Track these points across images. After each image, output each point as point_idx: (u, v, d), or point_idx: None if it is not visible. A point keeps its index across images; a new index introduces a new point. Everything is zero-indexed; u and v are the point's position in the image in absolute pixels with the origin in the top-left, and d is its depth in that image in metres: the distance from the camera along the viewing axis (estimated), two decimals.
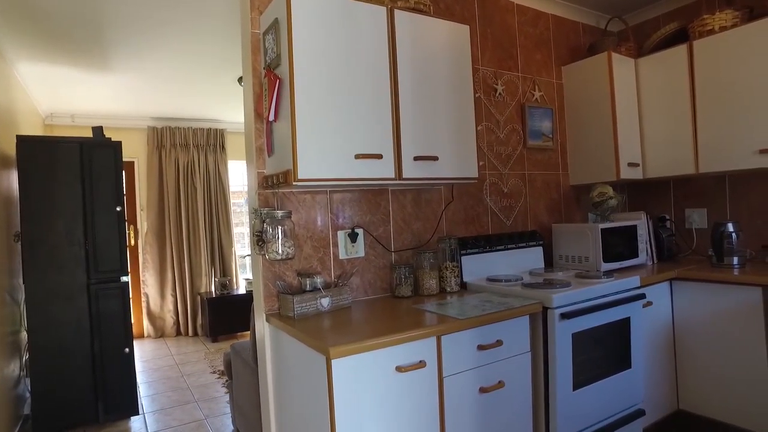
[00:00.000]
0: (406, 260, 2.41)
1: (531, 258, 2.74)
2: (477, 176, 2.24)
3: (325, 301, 1.98)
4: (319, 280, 2.03)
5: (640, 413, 2.30)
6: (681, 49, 2.86)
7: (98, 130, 3.42)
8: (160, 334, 5.85)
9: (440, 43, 2.16)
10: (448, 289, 2.33)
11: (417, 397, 1.68)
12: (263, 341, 2.06)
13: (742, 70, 2.60)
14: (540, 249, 2.78)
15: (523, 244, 2.70)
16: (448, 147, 2.15)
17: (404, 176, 2.00)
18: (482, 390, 1.84)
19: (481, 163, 2.70)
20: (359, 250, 2.26)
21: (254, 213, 1.96)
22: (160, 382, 4.21)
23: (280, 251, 1.87)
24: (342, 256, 2.22)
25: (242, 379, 2.73)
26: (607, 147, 2.93)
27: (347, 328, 1.71)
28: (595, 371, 2.18)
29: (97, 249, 3.27)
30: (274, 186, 1.93)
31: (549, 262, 2.93)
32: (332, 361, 1.51)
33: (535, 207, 2.95)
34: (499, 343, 1.88)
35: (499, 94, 2.80)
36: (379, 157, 1.93)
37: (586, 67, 3.04)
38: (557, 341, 1.98)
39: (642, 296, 2.29)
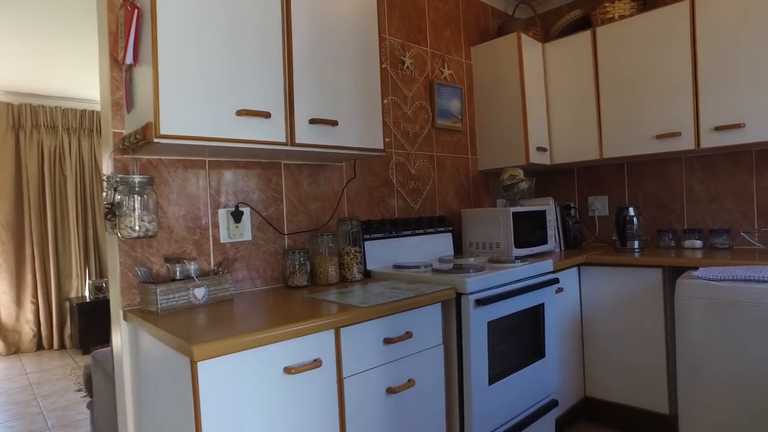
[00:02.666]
0: (302, 245, 2.09)
1: (440, 245, 2.53)
2: (383, 148, 1.98)
3: (200, 292, 1.61)
4: (192, 267, 1.66)
5: (553, 404, 2.17)
6: (585, 35, 2.83)
7: None
8: (13, 350, 4.94)
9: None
10: (350, 278, 2.04)
11: (311, 403, 1.37)
12: (119, 344, 1.64)
13: (639, 58, 2.62)
14: (449, 235, 2.59)
15: (432, 230, 2.49)
16: (350, 112, 1.87)
17: (298, 141, 1.69)
18: (390, 390, 1.57)
19: (387, 140, 2.45)
20: (245, 232, 1.90)
21: (106, 181, 1.54)
22: (1, 410, 3.46)
23: (136, 227, 1.47)
24: (224, 239, 1.86)
25: (103, 396, 2.24)
26: (516, 130, 2.82)
27: (224, 324, 1.36)
28: (511, 363, 2.00)
29: None
30: (133, 148, 1.53)
31: (459, 250, 2.76)
32: (198, 363, 1.16)
33: (444, 191, 2.76)
34: (408, 335, 1.62)
35: (407, 67, 2.58)
36: (267, 115, 1.59)
37: (495, 47, 2.92)
38: (472, 331, 1.77)
39: (556, 281, 2.16)
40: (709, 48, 2.41)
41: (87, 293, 5.23)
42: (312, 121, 1.73)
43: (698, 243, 2.63)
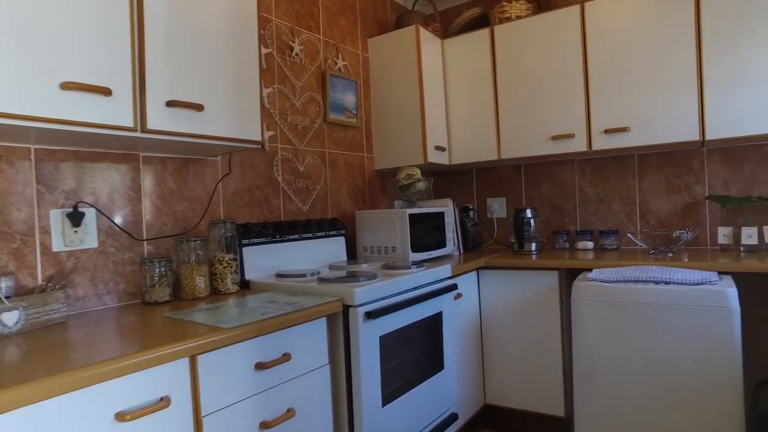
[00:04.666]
0: (166, 253, 1.76)
1: (332, 250, 2.31)
2: (261, 140, 1.72)
3: (10, 318, 1.24)
4: (4, 285, 1.29)
5: (453, 418, 2.03)
6: (484, 33, 2.76)
7: None
8: None
9: None
10: (223, 290, 1.76)
11: None
12: None
13: (535, 59, 2.60)
14: (342, 239, 2.38)
15: (323, 234, 2.27)
16: (220, 96, 1.59)
17: (151, 127, 1.38)
18: (264, 425, 1.32)
19: (272, 133, 2.19)
20: (87, 238, 1.55)
21: None
22: None
23: None
24: (57, 247, 1.49)
25: None
26: (414, 128, 2.68)
27: (35, 360, 1.02)
28: (407, 378, 1.83)
29: None
30: None
31: (353, 255, 2.56)
32: None
33: (336, 192, 2.55)
34: (286, 357, 1.38)
35: (296, 54, 2.33)
36: (106, 92, 1.27)
37: (394, 40, 2.76)
38: (362, 348, 1.56)
39: (454, 287, 2.03)
40: (597, 53, 2.43)
41: None
42: (170, 104, 1.43)
43: (590, 244, 2.66)
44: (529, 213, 2.65)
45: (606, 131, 2.41)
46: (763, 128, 2.11)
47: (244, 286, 1.88)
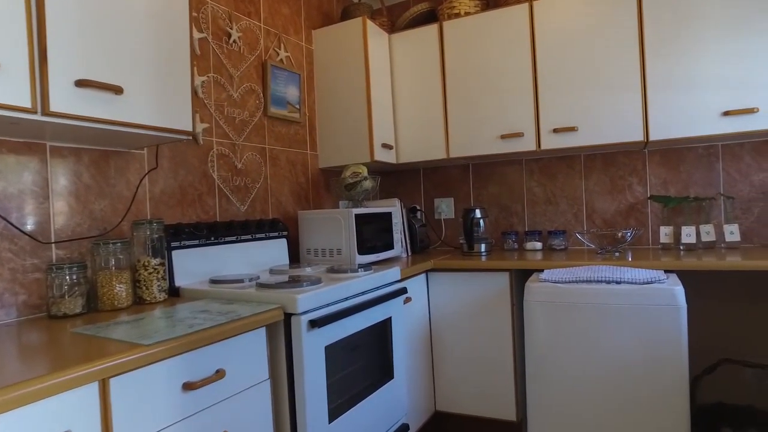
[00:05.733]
0: (80, 258, 1.54)
1: (273, 253, 2.15)
2: (191, 131, 1.54)
3: None
4: None
5: (404, 429, 1.92)
6: (432, 29, 2.69)
7: None
8: None
9: None
10: (149, 299, 1.56)
11: None
12: None
13: (484, 56, 2.55)
14: (284, 242, 2.22)
15: (263, 236, 2.10)
16: (143, 78, 1.40)
17: (54, 109, 1.18)
18: None
19: (206, 126, 2.00)
20: None
21: None
22: None
23: None
24: None
25: None
26: (360, 124, 2.56)
27: None
28: (355, 390, 1.70)
29: None
30: None
31: (296, 258, 2.40)
32: None
33: (278, 191, 2.38)
34: (220, 374, 1.22)
35: (234, 41, 2.15)
36: None
37: (339, 32, 2.63)
38: (306, 360, 1.42)
39: (403, 291, 1.92)
40: (546, 52, 2.41)
41: None
42: (81, 84, 1.23)
43: (539, 244, 2.63)
44: (478, 213, 2.59)
45: (555, 130, 2.38)
46: (703, 130, 2.15)
47: (174, 293, 1.68)
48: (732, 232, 2.30)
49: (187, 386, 1.14)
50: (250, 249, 2.03)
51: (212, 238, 1.85)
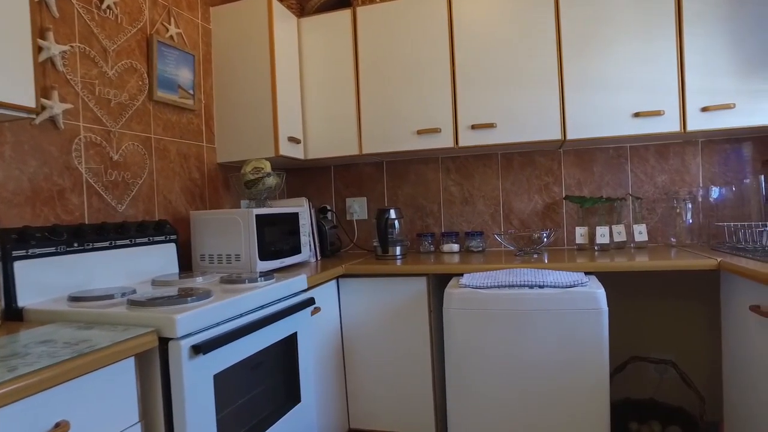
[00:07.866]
0: None
1: (158, 261, 1.83)
2: (35, 106, 1.21)
3: None
4: None
5: None
6: (345, 14, 2.48)
7: None
8: None
9: None
10: None
11: None
12: None
13: (400, 46, 2.40)
14: (173, 247, 1.90)
15: (146, 240, 1.77)
16: None
17: None
18: None
19: (69, 107, 1.64)
20: None
21: None
22: None
23: None
24: None
25: None
26: (264, 115, 2.29)
27: None
28: (254, 421, 1.44)
29: None
30: None
31: (187, 266, 2.09)
32: None
33: (166, 188, 2.06)
34: (63, 427, 0.92)
35: (108, 7, 1.80)
36: None
37: (242, 11, 2.34)
38: (188, 393, 1.15)
39: (311, 301, 1.69)
40: (465, 45, 2.30)
41: None
42: None
43: (455, 246, 2.52)
44: (393, 214, 2.42)
45: (473, 127, 2.28)
46: (617, 130, 2.15)
47: (14, 316, 1.33)
48: (640, 232, 2.32)
49: None
50: (129, 256, 1.71)
51: (75, 245, 1.51)
